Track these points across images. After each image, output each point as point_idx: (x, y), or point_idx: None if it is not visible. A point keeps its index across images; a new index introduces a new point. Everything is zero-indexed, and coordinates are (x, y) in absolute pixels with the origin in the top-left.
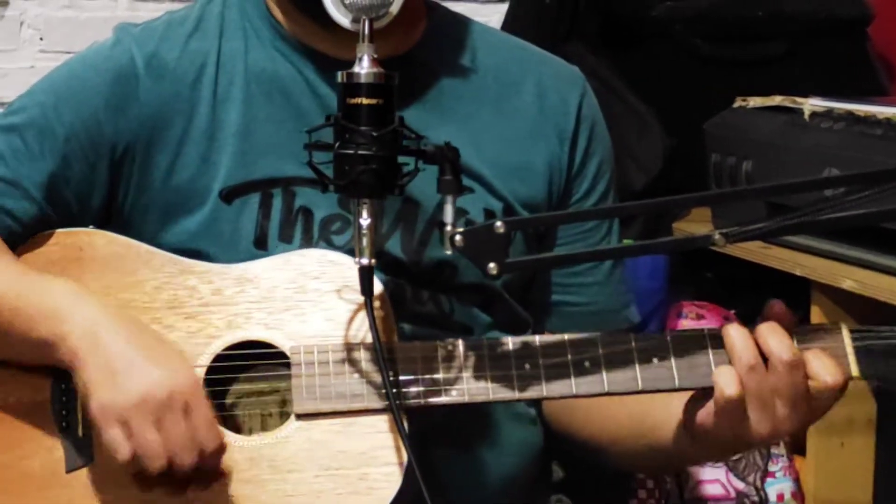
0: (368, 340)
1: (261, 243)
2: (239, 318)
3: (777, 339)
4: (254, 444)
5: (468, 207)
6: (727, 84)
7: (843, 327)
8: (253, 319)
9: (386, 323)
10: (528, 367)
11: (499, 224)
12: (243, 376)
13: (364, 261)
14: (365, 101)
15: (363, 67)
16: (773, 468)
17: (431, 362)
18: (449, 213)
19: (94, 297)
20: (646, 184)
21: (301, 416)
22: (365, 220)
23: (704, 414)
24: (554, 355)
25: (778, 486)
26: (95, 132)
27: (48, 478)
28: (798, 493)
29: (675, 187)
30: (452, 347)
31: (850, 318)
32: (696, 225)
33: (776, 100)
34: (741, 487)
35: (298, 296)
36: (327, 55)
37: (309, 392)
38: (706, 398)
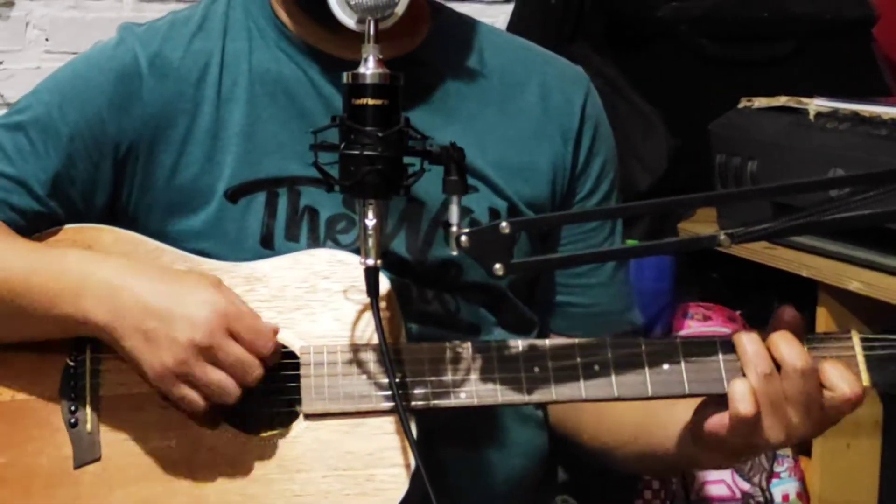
0: (377, 341)
1: (267, 242)
2: None
3: (790, 347)
4: (262, 443)
5: (473, 206)
6: (732, 84)
7: (854, 335)
8: (264, 318)
9: (393, 323)
10: (538, 369)
11: (504, 225)
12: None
13: (370, 261)
14: (370, 101)
15: (368, 68)
16: (779, 469)
17: (439, 364)
18: (454, 214)
19: (105, 260)
20: (651, 184)
21: (309, 416)
22: (371, 221)
23: (717, 424)
24: (563, 358)
25: (783, 486)
26: (99, 131)
27: (56, 474)
28: (803, 494)
29: (680, 187)
30: (461, 349)
31: (856, 320)
32: (701, 225)
33: (781, 100)
34: (746, 488)
35: (309, 295)
36: (332, 56)
37: (318, 392)
38: (717, 405)
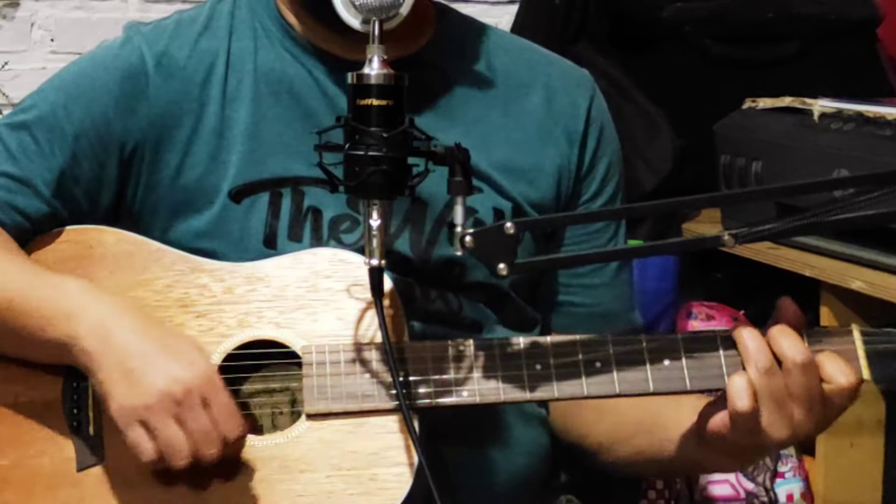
0: (379, 340)
1: (270, 242)
2: (250, 317)
3: (789, 342)
4: (265, 444)
5: (477, 206)
6: (737, 85)
7: (854, 329)
8: (264, 318)
9: (396, 321)
10: (540, 367)
11: (509, 225)
12: (254, 375)
13: (374, 262)
14: (375, 102)
15: (373, 68)
16: (783, 468)
17: (442, 362)
18: (459, 214)
19: (105, 296)
20: (656, 185)
21: (312, 416)
22: (375, 222)
23: (720, 422)
24: (565, 355)
25: (787, 486)
26: (105, 130)
27: (59, 476)
28: (807, 494)
29: (684, 188)
30: (463, 347)
31: (859, 319)
32: (705, 226)
33: (786, 101)
34: (751, 488)
35: (310, 295)
36: (337, 56)
37: (320, 392)
38: (721, 406)
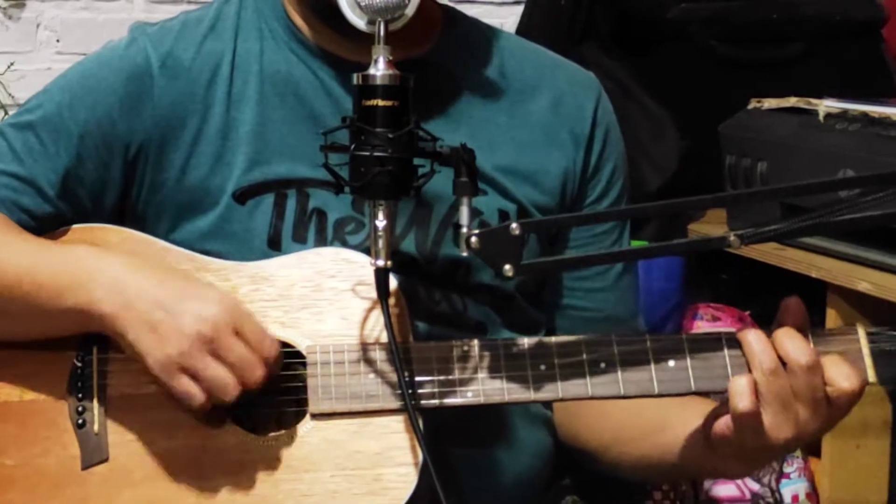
0: (384, 340)
1: (274, 243)
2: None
3: (794, 343)
4: (269, 444)
5: (482, 208)
6: (742, 85)
7: (859, 329)
8: (269, 318)
9: (401, 321)
10: (544, 367)
11: (514, 226)
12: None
13: (380, 262)
14: (380, 102)
15: (378, 69)
16: (788, 469)
17: (447, 363)
18: (464, 215)
19: (115, 255)
20: (661, 185)
21: (317, 416)
22: (381, 222)
23: (724, 424)
24: (569, 356)
25: (793, 487)
26: (109, 131)
27: (64, 475)
28: (813, 495)
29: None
30: (468, 348)
31: (865, 320)
32: (711, 226)
33: (791, 101)
34: (756, 489)
35: (315, 294)
36: (343, 58)
37: (325, 392)
38: (726, 408)
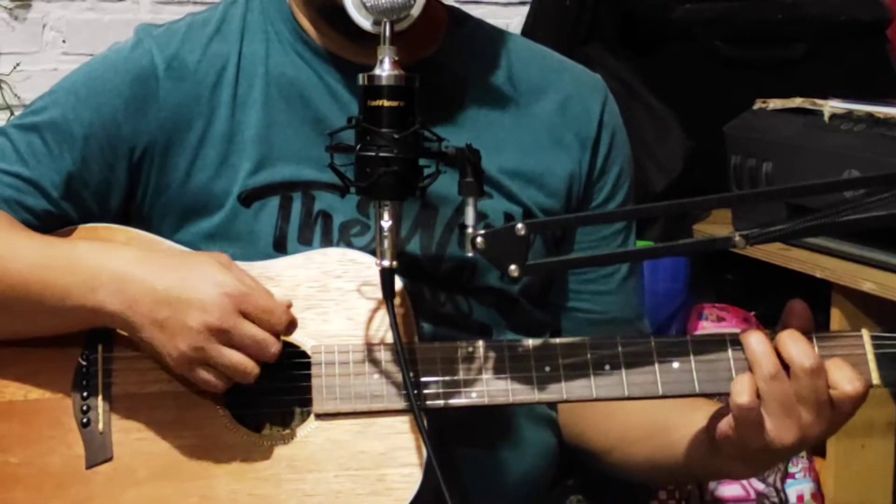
0: (389, 340)
1: (280, 245)
2: None
3: (798, 347)
4: (274, 443)
5: (488, 211)
6: (747, 86)
7: (864, 333)
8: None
9: (406, 322)
10: (549, 368)
11: (520, 226)
12: (264, 375)
13: (385, 262)
14: (386, 103)
15: (384, 69)
16: (793, 469)
17: (452, 363)
18: (470, 216)
19: (117, 250)
20: (666, 185)
21: (321, 416)
22: (386, 223)
23: (726, 423)
24: (574, 357)
25: (798, 487)
26: (114, 133)
27: (68, 474)
28: (818, 495)
29: (695, 189)
30: (473, 349)
31: (870, 321)
32: (716, 227)
33: (796, 101)
34: (761, 488)
35: (321, 294)
36: (349, 61)
37: (329, 392)
38: (729, 408)
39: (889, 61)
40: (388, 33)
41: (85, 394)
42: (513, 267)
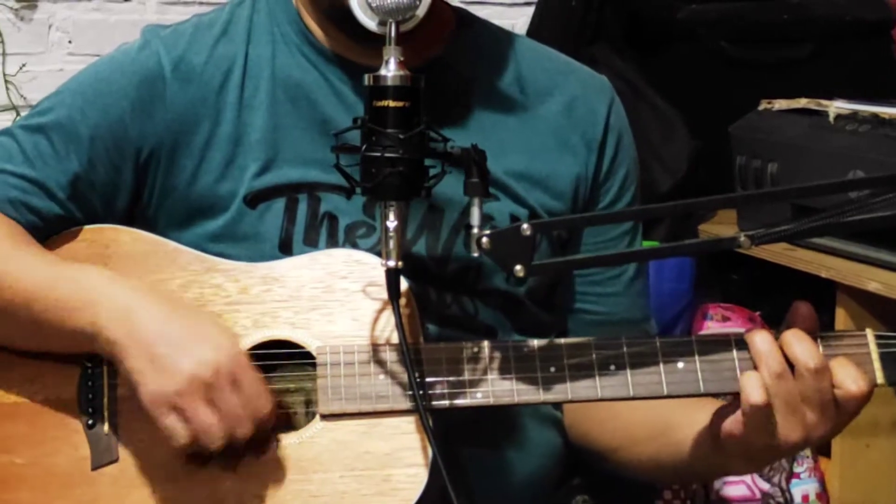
0: (394, 341)
1: (285, 247)
2: (266, 318)
3: (802, 346)
4: (279, 444)
5: (494, 213)
6: (752, 86)
7: (868, 333)
8: (280, 318)
9: (412, 323)
10: (554, 369)
11: (525, 227)
12: (269, 376)
13: (391, 263)
14: (391, 103)
15: (390, 70)
16: (798, 469)
17: (457, 364)
18: (475, 216)
19: (126, 281)
20: (671, 186)
21: (326, 417)
22: (392, 223)
23: (732, 421)
24: (579, 357)
25: (803, 487)
26: (121, 135)
27: (74, 475)
28: (823, 495)
29: (700, 189)
30: (478, 349)
31: (875, 320)
32: (721, 227)
33: (801, 102)
34: (766, 488)
35: (326, 295)
36: (355, 63)
37: (334, 392)
38: (733, 406)
39: (894, 62)
40: (393, 34)
41: (91, 395)
42: (518, 267)
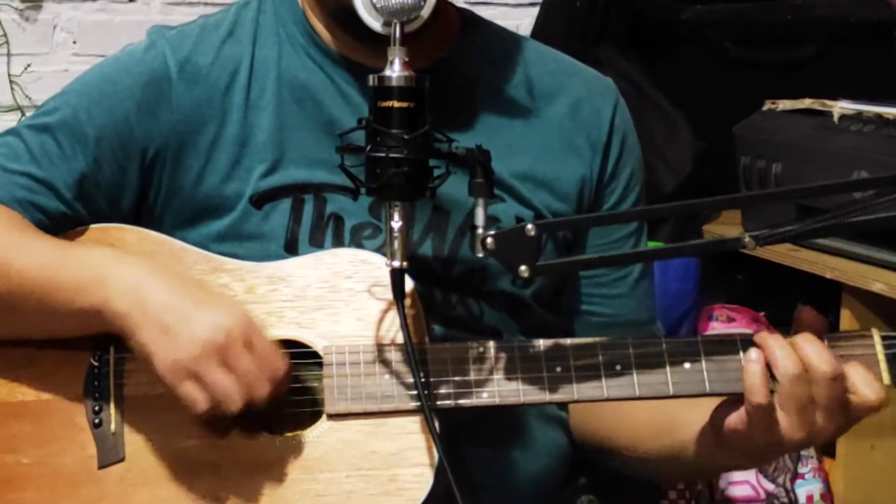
0: (400, 341)
1: (291, 247)
2: (272, 317)
3: (817, 352)
4: (285, 444)
5: (500, 215)
6: (757, 87)
7: (875, 333)
8: (285, 318)
9: (417, 323)
10: (560, 369)
11: (530, 227)
12: None
13: (396, 263)
14: (396, 104)
15: (394, 71)
16: (803, 470)
17: (462, 364)
18: (480, 216)
19: (132, 257)
20: (676, 186)
21: (332, 417)
22: (396, 223)
23: (736, 419)
24: (585, 358)
25: (807, 487)
26: (126, 135)
27: (80, 474)
28: (827, 495)
29: (704, 190)
30: (483, 349)
31: (880, 321)
32: (726, 227)
33: (806, 103)
34: (771, 489)
35: (331, 295)
36: (362, 64)
37: (340, 392)
38: (737, 403)
39: None
40: (398, 34)
41: (97, 394)
42: (523, 268)
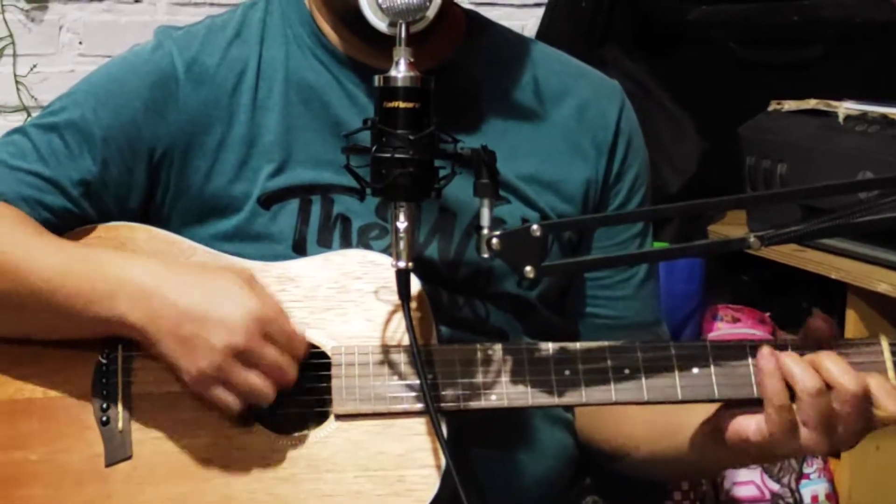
0: (408, 342)
1: (299, 248)
2: None
3: (841, 371)
4: (293, 443)
5: (505, 217)
6: (762, 87)
7: (882, 340)
8: (294, 318)
9: (425, 324)
10: (568, 372)
11: (535, 227)
12: None
13: (401, 264)
14: (402, 104)
15: (400, 71)
16: (808, 470)
17: (470, 366)
18: (486, 217)
19: (140, 261)
20: (681, 186)
21: (340, 417)
22: (402, 224)
23: (756, 431)
24: (593, 361)
25: (812, 487)
26: (134, 135)
27: (87, 472)
28: (832, 495)
29: (710, 190)
30: (492, 352)
31: (885, 322)
32: (731, 228)
33: (811, 103)
34: (776, 489)
35: (341, 296)
36: (369, 65)
37: (349, 393)
38: (751, 411)
39: None
40: (403, 35)
41: (105, 392)
42: (528, 268)
